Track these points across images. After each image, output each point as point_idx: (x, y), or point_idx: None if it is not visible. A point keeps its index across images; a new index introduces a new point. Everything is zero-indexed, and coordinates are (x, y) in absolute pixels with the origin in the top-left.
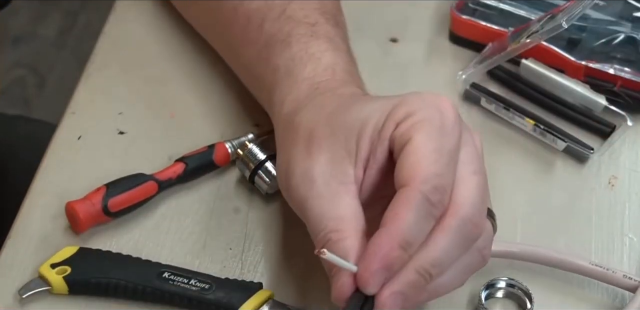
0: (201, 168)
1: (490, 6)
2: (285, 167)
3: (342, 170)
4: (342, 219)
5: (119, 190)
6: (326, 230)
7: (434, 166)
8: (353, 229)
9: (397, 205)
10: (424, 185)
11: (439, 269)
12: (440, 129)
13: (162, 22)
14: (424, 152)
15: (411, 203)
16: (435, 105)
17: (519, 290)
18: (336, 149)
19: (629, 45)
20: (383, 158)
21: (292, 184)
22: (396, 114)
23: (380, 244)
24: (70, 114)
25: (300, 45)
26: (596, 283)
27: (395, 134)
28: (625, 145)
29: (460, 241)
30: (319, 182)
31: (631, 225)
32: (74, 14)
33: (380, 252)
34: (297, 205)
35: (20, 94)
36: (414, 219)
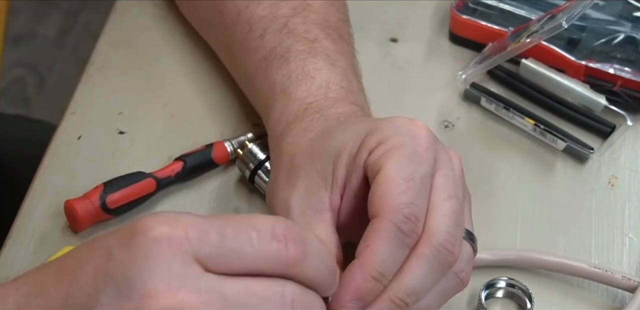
0: (200, 166)
1: (490, 6)
2: (271, 191)
3: (317, 198)
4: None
5: (117, 187)
6: None
7: (404, 195)
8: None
9: (369, 237)
10: (394, 215)
11: (415, 297)
12: (411, 156)
13: (162, 22)
14: (394, 180)
15: (383, 234)
16: (407, 131)
17: (519, 290)
18: (313, 176)
19: (629, 45)
20: (358, 184)
21: (275, 210)
22: (369, 141)
23: (353, 276)
24: (70, 114)
25: (298, 62)
26: (596, 283)
27: (368, 161)
28: (625, 145)
29: (436, 269)
30: (294, 211)
31: (631, 225)
32: (74, 14)
33: (353, 284)
34: None
35: (20, 93)
36: (386, 250)
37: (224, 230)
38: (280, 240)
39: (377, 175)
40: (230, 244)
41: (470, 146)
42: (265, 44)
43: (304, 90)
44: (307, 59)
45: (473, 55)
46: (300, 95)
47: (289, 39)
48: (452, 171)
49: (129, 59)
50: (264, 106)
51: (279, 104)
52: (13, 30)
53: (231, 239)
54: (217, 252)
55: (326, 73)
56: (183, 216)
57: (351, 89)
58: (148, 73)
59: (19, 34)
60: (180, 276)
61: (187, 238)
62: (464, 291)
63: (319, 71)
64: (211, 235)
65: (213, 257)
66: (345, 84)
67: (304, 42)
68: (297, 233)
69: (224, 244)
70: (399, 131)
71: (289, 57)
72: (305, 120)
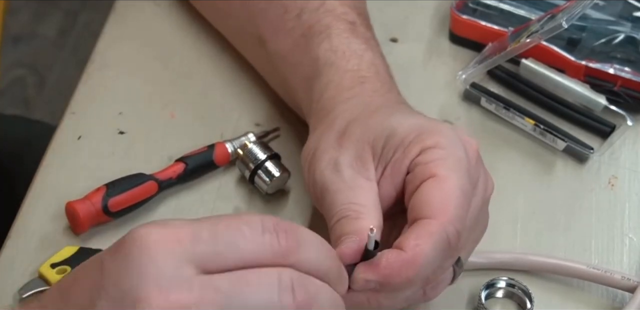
0: (201, 168)
1: (490, 6)
2: (313, 151)
3: (366, 168)
4: (364, 206)
5: (119, 190)
6: (345, 211)
7: (460, 209)
8: (372, 217)
9: (420, 235)
10: (449, 225)
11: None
12: (466, 172)
13: (162, 22)
14: (453, 192)
15: (434, 238)
16: (463, 144)
17: (519, 290)
18: (364, 146)
19: (629, 45)
20: (400, 173)
21: (318, 168)
22: (425, 139)
23: (391, 264)
24: (70, 114)
25: (341, 39)
26: (597, 283)
27: (418, 160)
28: (625, 145)
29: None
30: (346, 172)
31: (631, 225)
32: (74, 14)
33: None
34: (319, 189)
35: (20, 93)
36: (432, 254)
37: (215, 228)
38: (271, 232)
39: (433, 179)
40: (223, 239)
41: None
42: (303, 22)
43: (355, 64)
44: (350, 38)
45: (473, 55)
46: (352, 67)
47: (327, 17)
48: (482, 199)
49: (129, 59)
50: (305, 80)
51: (324, 75)
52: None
53: (223, 234)
54: (211, 249)
55: (371, 55)
56: (173, 221)
57: (392, 76)
58: (148, 73)
59: (19, 34)
60: (172, 278)
61: (178, 240)
62: (464, 291)
63: (364, 52)
64: (203, 234)
65: (208, 255)
66: (388, 70)
67: (343, 23)
68: (286, 225)
69: (217, 240)
70: (455, 142)
71: (331, 33)
72: (366, 94)
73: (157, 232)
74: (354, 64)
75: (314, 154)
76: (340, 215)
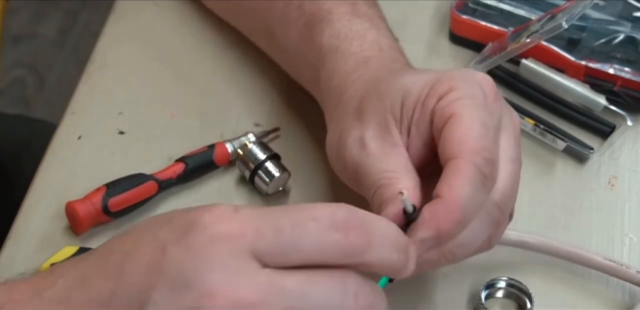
0: (201, 168)
1: (490, 6)
2: (336, 139)
3: (390, 134)
4: (397, 171)
5: (119, 190)
6: (379, 181)
7: (483, 140)
8: (407, 179)
9: (450, 177)
10: (475, 157)
11: (462, 251)
12: (484, 107)
13: (162, 22)
14: (472, 126)
15: (465, 175)
16: (477, 83)
17: (519, 290)
18: (383, 114)
19: (629, 45)
20: (425, 129)
21: (346, 150)
22: (440, 87)
23: (436, 215)
24: (70, 114)
25: (343, 22)
26: (596, 283)
27: (438, 106)
28: (625, 145)
29: (488, 226)
30: (372, 144)
31: (631, 225)
32: (74, 14)
33: (433, 224)
34: (351, 171)
35: (20, 93)
36: (470, 191)
37: (280, 223)
38: (340, 230)
39: (451, 120)
40: (286, 237)
41: None
42: (305, 11)
43: (357, 46)
44: (352, 20)
45: (473, 55)
46: (355, 49)
47: (327, 3)
48: (514, 133)
49: (129, 58)
50: (311, 69)
51: (328, 61)
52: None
53: (288, 232)
54: (274, 247)
55: (374, 33)
56: (240, 211)
57: (400, 51)
58: (148, 73)
59: (19, 34)
60: (238, 273)
61: (243, 234)
62: (464, 291)
63: (367, 31)
64: (267, 229)
65: (270, 253)
66: (394, 45)
67: (344, 4)
68: (359, 219)
69: (281, 238)
70: (470, 82)
71: (332, 18)
72: (370, 71)
73: (223, 224)
74: (356, 45)
75: (338, 140)
76: (376, 186)
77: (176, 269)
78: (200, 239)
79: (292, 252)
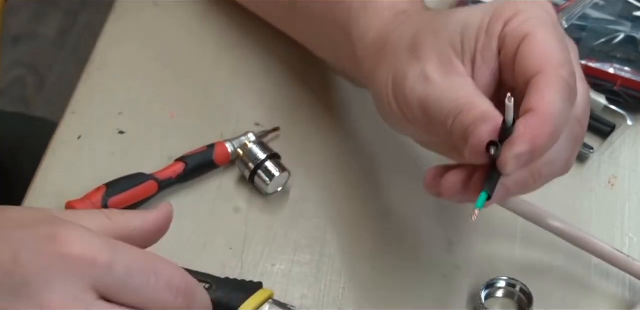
0: (201, 168)
1: None
2: (389, 84)
3: (453, 66)
4: (471, 96)
5: (119, 190)
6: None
7: (564, 53)
8: (485, 103)
9: (541, 90)
10: (561, 70)
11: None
12: (554, 26)
13: (162, 22)
14: (551, 41)
15: (555, 87)
16: (541, 6)
17: (519, 290)
18: (442, 47)
19: (629, 45)
20: (492, 56)
21: (407, 88)
22: (503, 13)
23: (531, 127)
24: (70, 114)
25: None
26: (596, 283)
27: (506, 31)
28: (625, 145)
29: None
30: (436, 77)
31: (631, 225)
32: (74, 14)
33: (528, 136)
34: (417, 108)
35: (20, 93)
36: (561, 102)
37: (131, 266)
38: (172, 291)
39: (527, 39)
40: (131, 281)
41: None
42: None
43: (389, 1)
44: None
45: None
46: (387, 5)
47: None
48: (577, 55)
49: (129, 58)
50: (341, 33)
51: (361, 18)
52: (13, 30)
53: (135, 277)
54: (116, 285)
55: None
56: (102, 238)
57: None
58: (148, 73)
59: (19, 34)
60: (75, 299)
61: (93, 263)
62: (464, 291)
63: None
64: (119, 267)
65: (110, 288)
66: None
67: None
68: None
69: (125, 279)
70: (533, 4)
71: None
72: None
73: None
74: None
75: (393, 82)
76: (455, 114)
77: (22, 276)
78: (54, 254)
79: (130, 295)
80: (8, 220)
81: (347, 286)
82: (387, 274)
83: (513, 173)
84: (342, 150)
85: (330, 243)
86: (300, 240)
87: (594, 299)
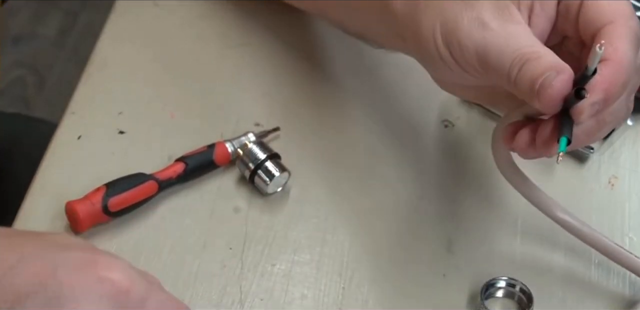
0: (201, 168)
1: None
2: (437, 31)
3: (510, 14)
4: (535, 45)
5: (119, 190)
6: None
7: (629, 6)
8: (550, 53)
9: (614, 40)
10: (630, 20)
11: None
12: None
13: (162, 22)
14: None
15: (627, 37)
16: None
17: (519, 290)
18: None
19: None
20: (551, 4)
21: (462, 36)
22: None
23: (607, 75)
24: (70, 114)
25: None
26: (596, 283)
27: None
28: (625, 145)
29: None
30: (494, 24)
31: (631, 225)
32: (74, 14)
33: (604, 84)
34: (474, 55)
35: (20, 93)
36: (633, 52)
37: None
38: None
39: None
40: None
41: (470, 146)
42: None
43: None
44: None
45: None
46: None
47: None
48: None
49: (129, 58)
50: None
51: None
52: (13, 30)
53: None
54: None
55: None
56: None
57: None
58: (148, 73)
59: (19, 34)
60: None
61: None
62: (464, 291)
63: None
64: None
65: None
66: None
67: None
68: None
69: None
70: None
71: None
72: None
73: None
74: None
75: (442, 30)
76: (520, 63)
77: (57, 289)
78: (93, 274)
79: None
80: (52, 242)
81: (347, 286)
82: (387, 274)
83: (585, 121)
84: (342, 150)
85: (330, 243)
86: (300, 240)
87: (594, 298)
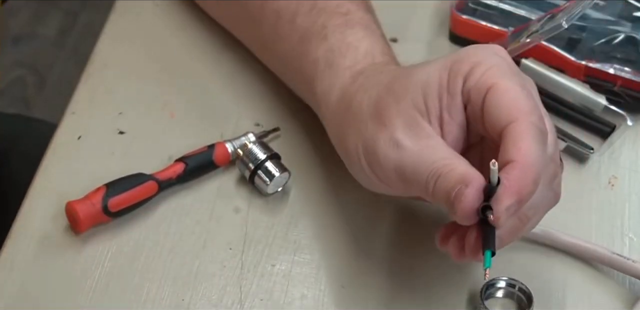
0: (201, 168)
1: (490, 6)
2: (359, 150)
3: (422, 128)
4: (447, 158)
5: (119, 190)
6: (435, 172)
7: (530, 100)
8: (462, 163)
9: (517, 140)
10: (531, 116)
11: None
12: (512, 71)
13: (162, 22)
14: (515, 90)
15: (529, 135)
16: (494, 53)
17: (519, 290)
18: (407, 111)
19: (629, 45)
20: (458, 112)
21: (379, 156)
22: (459, 68)
23: (514, 179)
24: (70, 114)
25: (337, 35)
26: (596, 283)
27: (468, 86)
28: (625, 145)
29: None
30: (407, 143)
31: (631, 226)
32: (74, 14)
33: (514, 188)
34: (393, 173)
35: (20, 93)
36: (537, 149)
37: None
38: None
39: (491, 91)
40: None
41: None
42: (298, 27)
43: (351, 59)
44: (345, 32)
45: None
46: (349, 64)
47: (321, 17)
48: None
49: (129, 58)
50: (306, 85)
51: (326, 76)
52: (13, 30)
53: None
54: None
55: (368, 41)
56: None
57: (393, 55)
58: (148, 73)
59: (19, 34)
60: None
61: None
62: (464, 291)
63: (360, 41)
64: None
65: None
66: (387, 51)
67: (337, 16)
68: None
69: None
70: (487, 53)
71: (327, 33)
72: (370, 77)
73: None
74: (350, 59)
75: (363, 150)
76: (435, 177)
77: None
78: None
79: None
80: None
81: (347, 286)
82: (387, 274)
83: (506, 223)
84: None
85: (330, 243)
86: (300, 240)
87: (594, 298)
